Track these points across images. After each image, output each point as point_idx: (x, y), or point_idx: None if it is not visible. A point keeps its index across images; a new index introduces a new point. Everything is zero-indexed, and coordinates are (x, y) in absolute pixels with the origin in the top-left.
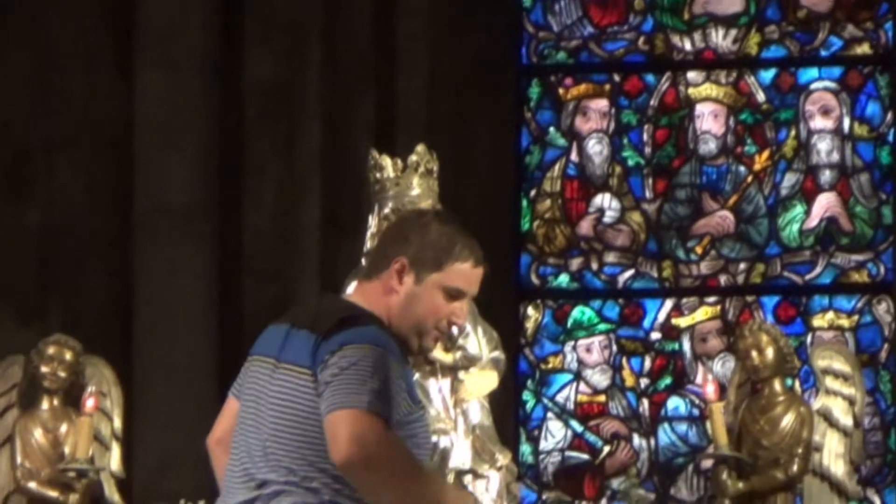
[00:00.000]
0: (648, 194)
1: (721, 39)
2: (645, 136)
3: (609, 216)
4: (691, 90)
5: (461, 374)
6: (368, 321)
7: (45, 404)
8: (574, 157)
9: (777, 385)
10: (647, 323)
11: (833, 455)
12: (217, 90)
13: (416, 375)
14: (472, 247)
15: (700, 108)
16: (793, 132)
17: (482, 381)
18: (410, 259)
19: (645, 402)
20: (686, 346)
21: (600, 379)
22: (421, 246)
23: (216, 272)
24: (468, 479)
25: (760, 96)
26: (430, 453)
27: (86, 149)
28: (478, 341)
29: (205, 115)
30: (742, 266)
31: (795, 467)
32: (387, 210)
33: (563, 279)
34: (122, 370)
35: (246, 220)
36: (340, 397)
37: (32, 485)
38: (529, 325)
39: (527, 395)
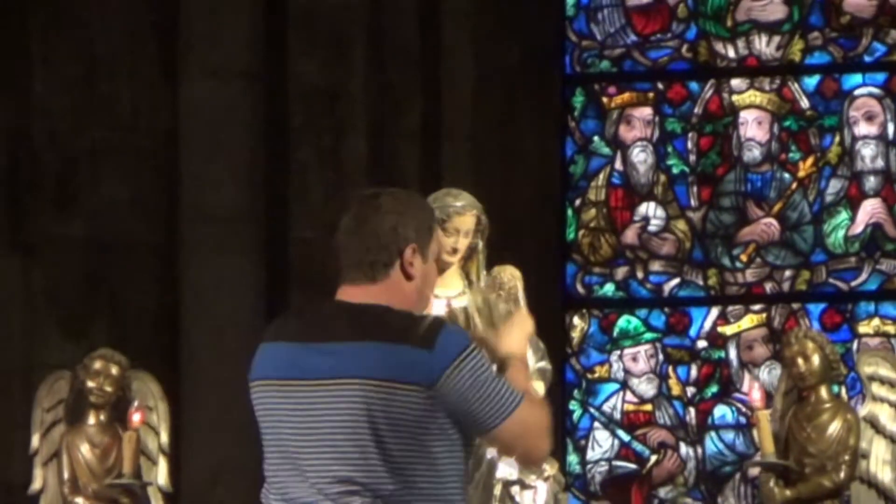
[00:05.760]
0: (693, 202)
1: (764, 46)
2: (689, 144)
3: (654, 224)
4: (735, 97)
5: None
6: (436, 320)
7: (91, 419)
8: (619, 165)
9: (823, 392)
10: (693, 331)
11: (880, 462)
12: (262, 98)
13: None
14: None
15: (744, 115)
16: (837, 138)
17: None
18: (416, 241)
19: (692, 410)
20: (732, 353)
21: (647, 388)
22: (417, 226)
23: (263, 283)
24: (516, 489)
25: (804, 102)
26: (477, 464)
27: (131, 158)
28: None
29: (250, 123)
30: (787, 273)
31: (842, 474)
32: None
33: (609, 288)
34: (169, 384)
35: (293, 230)
36: (502, 404)
37: (80, 500)
38: (575, 335)
39: (573, 405)
